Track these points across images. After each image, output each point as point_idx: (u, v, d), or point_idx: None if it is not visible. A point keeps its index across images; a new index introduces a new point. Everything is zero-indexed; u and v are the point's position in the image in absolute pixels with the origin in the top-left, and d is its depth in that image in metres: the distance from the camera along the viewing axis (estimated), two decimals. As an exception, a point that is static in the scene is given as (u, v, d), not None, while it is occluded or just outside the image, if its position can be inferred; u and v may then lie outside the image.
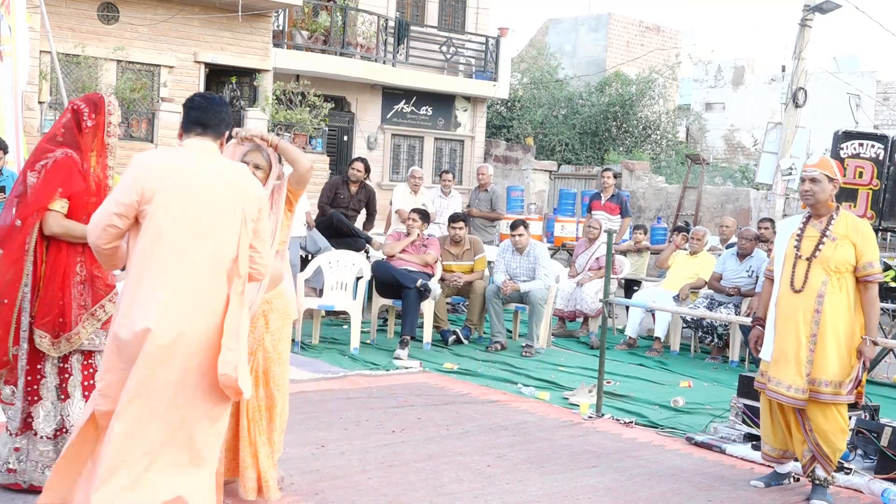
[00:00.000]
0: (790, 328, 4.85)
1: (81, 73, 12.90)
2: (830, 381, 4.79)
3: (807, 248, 4.90)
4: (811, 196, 4.93)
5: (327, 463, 5.03)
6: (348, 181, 10.23)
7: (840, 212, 4.97)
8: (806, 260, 4.87)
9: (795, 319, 4.84)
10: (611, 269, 6.72)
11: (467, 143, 19.92)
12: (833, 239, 4.85)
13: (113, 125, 4.33)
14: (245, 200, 3.58)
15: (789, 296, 4.90)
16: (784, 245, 5.02)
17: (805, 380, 4.79)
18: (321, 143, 15.21)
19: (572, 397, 6.96)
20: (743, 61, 31.30)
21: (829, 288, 4.81)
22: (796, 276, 4.88)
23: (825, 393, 4.79)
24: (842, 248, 4.83)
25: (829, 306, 4.79)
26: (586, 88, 24.17)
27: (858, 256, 4.84)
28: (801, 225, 5.01)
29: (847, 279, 4.85)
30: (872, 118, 25.67)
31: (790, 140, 13.49)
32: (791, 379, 4.81)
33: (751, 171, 21.77)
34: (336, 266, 8.84)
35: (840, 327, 4.81)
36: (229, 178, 3.60)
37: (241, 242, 3.52)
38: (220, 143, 3.73)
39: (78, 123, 4.28)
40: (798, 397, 4.80)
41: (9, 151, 8.06)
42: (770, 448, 5.10)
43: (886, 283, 11.18)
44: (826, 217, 4.94)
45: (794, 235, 4.99)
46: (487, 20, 20.32)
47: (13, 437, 4.24)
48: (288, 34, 16.49)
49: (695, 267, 9.63)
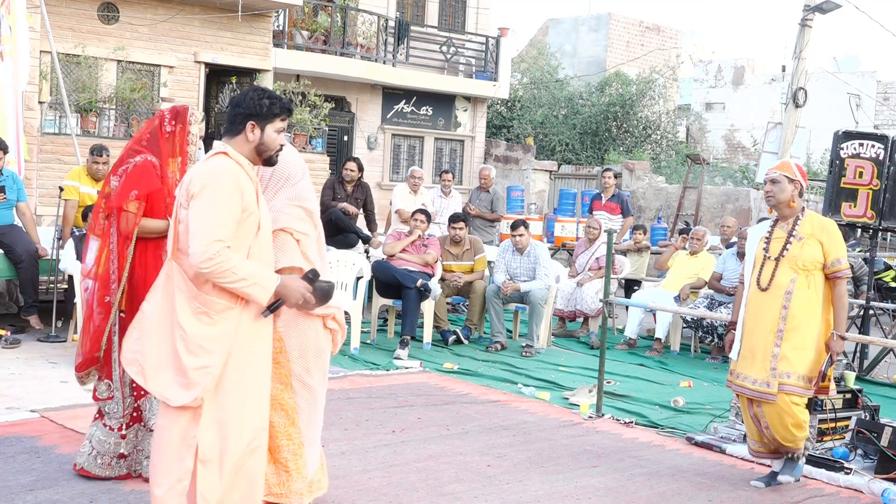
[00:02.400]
0: (758, 325, 5.01)
1: (81, 73, 12.91)
2: (795, 373, 4.92)
3: (775, 248, 5.07)
4: (772, 197, 5.11)
5: (327, 463, 5.02)
6: (343, 182, 10.27)
7: (805, 212, 5.12)
8: (774, 260, 5.04)
9: (762, 317, 5.00)
10: (611, 269, 6.72)
11: (467, 143, 19.92)
12: (800, 238, 5.02)
13: (192, 134, 4.60)
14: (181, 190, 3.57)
15: (757, 295, 5.06)
16: (754, 249, 5.19)
17: (770, 373, 4.92)
18: (321, 143, 15.21)
19: (572, 397, 6.96)
20: (743, 61, 31.32)
21: (797, 285, 4.96)
22: (762, 276, 5.05)
23: (790, 385, 4.90)
24: (809, 247, 4.99)
25: (797, 302, 4.94)
26: (586, 88, 24.18)
27: (826, 254, 4.99)
28: (770, 228, 5.19)
29: (816, 276, 5.00)
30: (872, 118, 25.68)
31: (790, 140, 13.48)
32: (756, 373, 4.96)
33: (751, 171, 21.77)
34: (336, 266, 8.84)
35: (809, 323, 4.96)
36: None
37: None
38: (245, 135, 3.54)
39: (161, 129, 4.58)
40: (763, 390, 4.94)
41: (9, 151, 8.06)
42: (758, 444, 5.17)
43: (886, 283, 11.20)
44: (792, 219, 5.11)
45: (762, 239, 5.17)
46: (487, 20, 20.33)
47: (117, 431, 4.49)
48: (288, 34, 16.50)
49: (695, 267, 9.63)
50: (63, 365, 6.95)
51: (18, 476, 4.49)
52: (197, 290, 3.40)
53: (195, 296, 3.40)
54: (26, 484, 4.39)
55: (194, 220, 3.36)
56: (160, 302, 3.49)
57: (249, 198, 3.47)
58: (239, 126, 3.54)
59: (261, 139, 3.55)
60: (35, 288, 7.95)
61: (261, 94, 3.58)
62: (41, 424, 5.39)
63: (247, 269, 3.37)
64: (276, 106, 3.56)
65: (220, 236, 3.33)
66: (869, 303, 8.65)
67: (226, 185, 3.39)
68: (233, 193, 3.39)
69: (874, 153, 8.09)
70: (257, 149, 3.56)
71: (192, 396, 3.37)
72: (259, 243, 3.53)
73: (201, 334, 3.38)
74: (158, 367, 3.44)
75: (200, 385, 3.37)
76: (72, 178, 8.12)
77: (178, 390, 3.39)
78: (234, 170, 3.46)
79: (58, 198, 8.25)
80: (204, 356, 3.38)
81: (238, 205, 3.40)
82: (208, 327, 3.39)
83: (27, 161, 9.61)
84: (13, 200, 7.94)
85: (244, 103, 3.54)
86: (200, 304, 3.39)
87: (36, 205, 10.12)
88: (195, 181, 3.42)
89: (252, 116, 3.53)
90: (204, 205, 3.36)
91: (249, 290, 3.38)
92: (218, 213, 3.35)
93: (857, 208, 8.14)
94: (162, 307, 3.48)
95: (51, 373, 6.70)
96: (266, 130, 3.55)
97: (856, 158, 8.14)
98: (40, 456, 4.82)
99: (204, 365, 3.37)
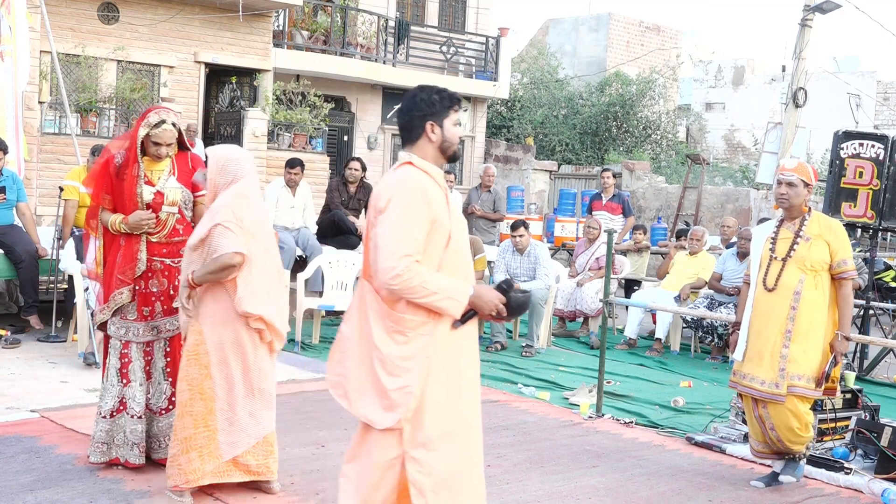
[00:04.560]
0: (765, 326, 4.98)
1: (81, 73, 12.90)
2: (804, 375, 4.91)
3: (781, 249, 5.04)
4: (786, 200, 5.06)
5: (327, 463, 5.03)
6: (346, 182, 10.24)
7: (812, 213, 5.10)
8: (781, 260, 5.01)
9: (770, 317, 4.97)
10: (611, 269, 6.72)
11: (467, 143, 19.92)
12: (807, 239, 4.99)
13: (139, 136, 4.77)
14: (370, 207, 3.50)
15: (764, 295, 5.03)
16: (759, 249, 5.15)
17: (779, 374, 4.90)
18: (321, 143, 15.21)
19: (572, 397, 6.96)
20: (743, 61, 31.31)
21: (805, 286, 4.94)
22: (769, 276, 5.02)
23: (799, 387, 4.90)
24: (816, 248, 4.97)
25: (805, 303, 4.92)
26: (586, 88, 24.18)
27: (833, 255, 4.98)
28: (775, 228, 5.15)
29: (823, 277, 4.98)
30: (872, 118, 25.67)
31: (790, 140, 13.47)
32: (765, 374, 4.94)
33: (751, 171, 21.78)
34: (336, 266, 8.84)
35: (818, 324, 4.95)
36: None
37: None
38: (426, 136, 3.41)
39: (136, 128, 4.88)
40: (772, 391, 4.92)
41: (9, 151, 8.05)
42: (761, 445, 5.16)
43: (886, 283, 11.20)
44: (798, 219, 5.08)
45: (768, 239, 5.14)
46: (487, 20, 20.32)
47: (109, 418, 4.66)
48: (288, 34, 16.50)
49: (694, 267, 9.64)
50: (63, 365, 6.95)
51: (18, 476, 4.49)
52: (389, 308, 3.27)
53: (388, 315, 3.27)
54: (26, 484, 4.39)
55: (381, 235, 3.23)
56: (357, 323, 3.37)
57: (439, 208, 3.30)
58: (418, 130, 3.39)
59: (443, 136, 3.39)
60: (35, 288, 7.95)
61: (428, 91, 3.42)
62: (41, 424, 5.39)
63: (438, 283, 3.23)
64: (447, 98, 3.42)
65: (408, 251, 3.19)
66: (869, 303, 8.65)
67: (412, 197, 3.24)
68: (420, 205, 3.24)
69: (874, 153, 8.08)
70: (441, 147, 3.39)
71: (395, 418, 3.25)
72: (451, 255, 3.35)
73: (398, 354, 3.25)
74: (361, 391, 3.33)
75: (402, 406, 3.24)
76: (72, 178, 8.12)
77: (382, 413, 3.27)
78: (420, 180, 3.30)
79: (58, 198, 8.25)
80: (403, 376, 3.25)
81: (426, 216, 3.25)
82: (403, 346, 3.26)
83: (27, 161, 9.61)
84: (13, 200, 7.95)
85: (416, 106, 3.40)
86: (394, 323, 3.26)
87: (36, 205, 10.12)
88: (381, 195, 3.29)
89: (428, 116, 3.38)
90: (391, 219, 3.22)
91: (442, 304, 3.25)
92: (405, 227, 3.20)
93: (857, 208, 8.14)
94: (358, 328, 3.36)
95: (51, 373, 6.70)
96: (445, 126, 3.39)
97: (856, 158, 8.13)
98: (40, 456, 4.82)
99: (403, 385, 3.24)
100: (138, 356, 4.69)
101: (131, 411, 4.62)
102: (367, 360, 3.31)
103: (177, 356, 4.67)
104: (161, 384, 4.73)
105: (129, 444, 4.61)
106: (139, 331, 4.68)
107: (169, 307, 4.71)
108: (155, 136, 4.68)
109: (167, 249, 4.74)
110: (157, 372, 4.73)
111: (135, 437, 4.61)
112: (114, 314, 4.67)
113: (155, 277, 4.71)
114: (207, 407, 4.31)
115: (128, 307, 4.68)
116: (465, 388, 3.40)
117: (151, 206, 4.69)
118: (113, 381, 4.68)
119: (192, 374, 4.31)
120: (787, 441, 4.97)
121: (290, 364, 7.60)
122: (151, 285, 4.70)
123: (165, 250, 4.74)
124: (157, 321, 4.71)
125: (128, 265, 4.67)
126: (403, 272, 3.17)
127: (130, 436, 4.62)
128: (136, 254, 4.67)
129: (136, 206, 4.67)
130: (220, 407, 4.33)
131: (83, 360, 6.95)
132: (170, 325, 4.72)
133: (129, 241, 4.70)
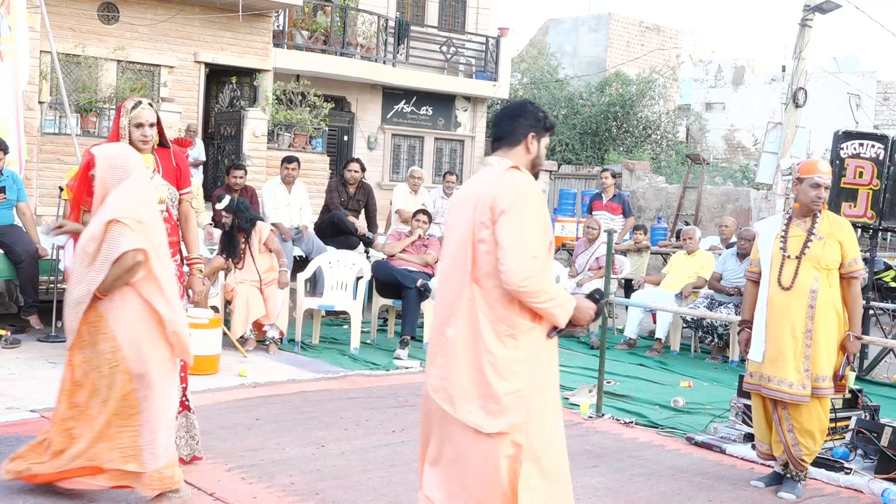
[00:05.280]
0: (784, 326, 4.92)
1: (81, 73, 12.90)
2: (827, 375, 4.91)
3: (794, 247, 4.99)
4: (821, 202, 5.00)
5: (327, 463, 5.03)
6: (346, 183, 10.24)
7: (823, 210, 5.06)
8: (795, 259, 4.96)
9: (789, 317, 4.92)
10: (611, 269, 6.72)
11: (467, 143, 19.92)
12: (820, 238, 4.96)
13: (122, 127, 4.67)
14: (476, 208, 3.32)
15: (779, 294, 4.97)
16: (769, 246, 5.10)
17: (805, 375, 4.86)
18: (321, 143, 15.20)
19: (572, 397, 6.96)
20: (743, 61, 31.32)
21: (820, 284, 4.91)
22: (784, 275, 4.97)
23: (823, 388, 4.89)
24: (829, 247, 4.94)
25: (822, 302, 4.90)
26: (586, 88, 24.19)
27: (844, 254, 4.96)
28: (784, 226, 5.09)
29: (834, 276, 4.97)
30: (872, 118, 25.68)
31: (790, 140, 13.48)
32: (792, 376, 4.88)
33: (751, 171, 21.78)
34: (336, 266, 8.84)
35: (834, 323, 4.93)
36: (474, 188, 3.39)
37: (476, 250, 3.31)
38: (525, 146, 3.41)
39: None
40: (801, 393, 4.87)
41: (9, 151, 8.05)
42: (768, 446, 5.14)
43: (886, 283, 11.20)
44: (810, 217, 5.04)
45: (778, 236, 5.08)
46: (487, 20, 20.33)
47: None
48: (288, 34, 16.50)
49: (694, 266, 9.64)
50: (63, 365, 6.93)
51: (18, 476, 4.48)
52: (505, 311, 3.24)
53: (503, 318, 3.24)
54: (26, 484, 4.39)
55: (508, 237, 3.18)
56: (464, 327, 3.29)
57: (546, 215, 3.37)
58: (520, 137, 3.39)
59: (537, 152, 3.41)
60: (35, 288, 7.95)
61: (535, 107, 3.46)
62: (41, 424, 5.37)
63: (555, 289, 3.24)
64: (549, 122, 3.46)
65: (535, 253, 3.19)
66: (869, 303, 8.65)
67: (535, 201, 3.26)
68: (542, 210, 3.26)
69: (874, 153, 8.08)
70: (533, 161, 3.41)
71: (506, 423, 3.21)
72: (550, 260, 3.39)
73: (510, 357, 3.23)
74: (466, 395, 3.27)
75: (514, 410, 3.22)
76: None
77: (489, 417, 3.23)
78: (536, 186, 3.32)
79: (58, 198, 8.25)
80: (514, 380, 3.23)
81: (545, 221, 3.28)
82: (515, 350, 3.24)
83: (27, 161, 9.61)
84: (13, 200, 7.95)
85: (526, 115, 3.40)
86: (508, 327, 3.23)
87: (36, 205, 10.12)
88: (502, 198, 3.23)
89: (533, 128, 3.40)
90: (517, 221, 3.20)
91: (555, 311, 3.25)
92: (532, 230, 3.21)
93: (857, 208, 8.14)
94: (465, 332, 3.28)
95: (51, 373, 6.69)
96: (541, 143, 3.42)
97: (856, 158, 8.13)
98: (40, 456, 4.81)
99: (516, 389, 3.22)
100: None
101: None
102: (474, 365, 3.25)
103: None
104: None
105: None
106: None
107: None
108: (136, 118, 4.63)
109: None
110: None
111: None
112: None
113: None
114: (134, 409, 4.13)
115: None
116: (557, 397, 3.44)
117: None
118: None
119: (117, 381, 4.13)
120: (801, 447, 4.92)
121: (290, 364, 7.61)
122: None
123: None
124: None
125: None
126: (533, 274, 3.16)
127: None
128: None
129: None
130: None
131: (83, 360, 6.95)
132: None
133: None
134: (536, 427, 3.27)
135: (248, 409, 6.10)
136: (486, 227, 3.24)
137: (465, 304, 3.29)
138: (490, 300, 3.24)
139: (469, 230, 3.29)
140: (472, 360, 3.26)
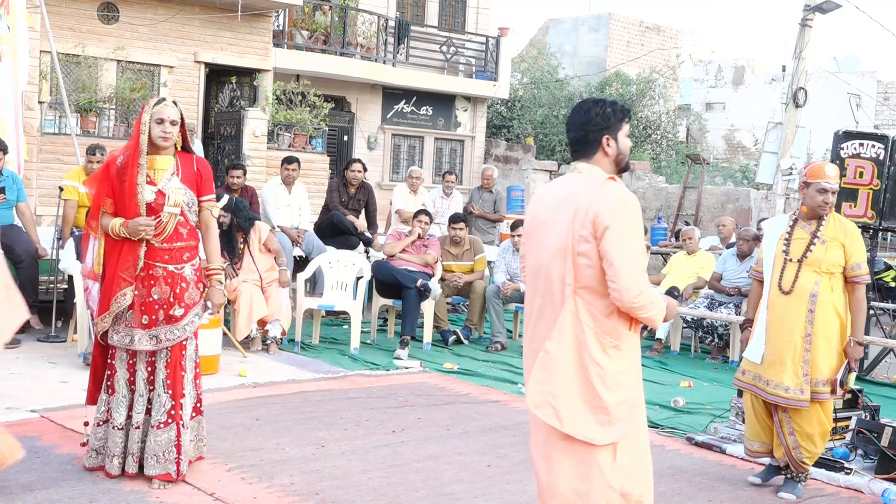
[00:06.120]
0: (784, 330, 4.91)
1: (81, 73, 12.89)
2: (826, 380, 4.88)
3: (796, 250, 4.97)
4: (827, 207, 4.98)
5: (327, 463, 5.03)
6: (347, 184, 10.23)
7: (831, 213, 5.03)
8: (796, 262, 4.94)
9: (789, 321, 4.90)
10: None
11: (467, 143, 19.91)
12: (823, 241, 4.92)
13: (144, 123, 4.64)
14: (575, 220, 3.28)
15: (779, 298, 4.96)
16: (772, 247, 5.07)
17: (803, 380, 4.84)
18: (321, 143, 15.20)
19: (572, 397, 6.95)
20: (743, 61, 31.33)
21: (821, 288, 4.87)
22: (784, 279, 4.95)
23: (823, 392, 4.87)
24: (832, 250, 4.91)
25: (822, 306, 4.87)
26: (587, 88, 24.17)
27: (848, 258, 4.92)
28: (789, 227, 5.06)
29: (837, 280, 4.93)
30: (873, 118, 25.68)
31: (790, 140, 13.47)
32: (789, 380, 4.87)
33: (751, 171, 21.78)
34: (336, 266, 8.84)
35: (832, 327, 4.90)
36: (570, 195, 3.34)
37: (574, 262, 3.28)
38: (602, 150, 3.37)
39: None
40: (799, 398, 4.85)
41: (9, 152, 8.05)
42: (759, 444, 5.15)
43: (886, 283, 11.20)
44: (816, 220, 5.00)
45: (781, 238, 5.05)
46: (488, 20, 20.31)
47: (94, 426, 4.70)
48: (288, 34, 16.49)
49: (694, 266, 9.64)
50: (63, 365, 6.95)
51: (18, 476, 4.49)
52: (610, 323, 3.25)
53: (608, 331, 3.24)
54: (26, 484, 4.39)
55: (618, 255, 3.17)
56: (568, 341, 3.28)
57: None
58: (595, 144, 3.37)
59: (618, 149, 3.38)
60: (35, 288, 7.95)
61: (601, 105, 3.41)
62: (41, 424, 5.39)
63: (654, 295, 3.26)
64: (619, 111, 3.42)
65: (642, 268, 3.23)
66: (869, 303, 8.64)
67: (635, 215, 3.26)
68: (640, 222, 3.29)
69: (874, 153, 8.09)
70: (616, 159, 3.39)
71: (617, 433, 3.25)
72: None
73: (617, 368, 3.25)
74: (573, 408, 3.26)
75: (623, 420, 3.26)
76: (71, 178, 8.12)
77: (600, 429, 3.24)
78: (632, 196, 3.31)
79: (58, 198, 8.25)
80: (621, 390, 3.26)
81: (642, 231, 3.30)
82: (619, 360, 3.26)
83: (27, 161, 9.61)
84: (13, 200, 7.94)
85: (592, 120, 3.37)
86: (613, 339, 3.24)
87: (36, 205, 10.11)
88: (604, 214, 3.20)
89: (604, 130, 3.36)
90: (623, 237, 3.19)
91: (657, 317, 3.27)
92: (637, 245, 3.23)
93: (858, 208, 8.14)
94: (568, 346, 3.27)
95: (51, 373, 6.69)
96: (619, 139, 3.39)
97: (856, 158, 8.14)
98: (40, 456, 4.82)
99: (623, 399, 3.26)
100: (122, 367, 4.59)
101: (114, 422, 4.57)
102: (578, 378, 3.25)
103: (177, 368, 4.58)
104: (161, 396, 4.57)
105: (111, 455, 4.55)
106: (141, 339, 4.54)
107: (168, 315, 4.56)
108: (157, 113, 4.55)
109: (169, 255, 4.59)
110: (157, 384, 4.59)
111: (116, 448, 4.54)
112: (113, 322, 4.57)
113: (157, 285, 4.56)
114: None
115: (126, 314, 4.56)
116: (644, 409, 3.46)
117: (152, 206, 4.55)
118: (102, 390, 4.68)
119: None
120: (802, 450, 4.92)
121: (290, 364, 7.61)
122: (153, 293, 4.55)
123: (167, 256, 4.58)
124: (157, 329, 4.55)
125: (129, 265, 4.57)
126: (644, 290, 3.18)
127: (112, 446, 4.55)
128: (136, 260, 4.55)
129: (136, 205, 4.53)
130: None
131: (83, 360, 6.94)
132: (170, 335, 4.56)
133: (131, 245, 4.57)
134: (629, 441, 3.32)
135: (248, 409, 6.10)
136: (588, 242, 3.22)
137: (568, 317, 3.26)
138: (593, 312, 3.24)
139: (567, 241, 3.26)
140: (578, 373, 3.25)
